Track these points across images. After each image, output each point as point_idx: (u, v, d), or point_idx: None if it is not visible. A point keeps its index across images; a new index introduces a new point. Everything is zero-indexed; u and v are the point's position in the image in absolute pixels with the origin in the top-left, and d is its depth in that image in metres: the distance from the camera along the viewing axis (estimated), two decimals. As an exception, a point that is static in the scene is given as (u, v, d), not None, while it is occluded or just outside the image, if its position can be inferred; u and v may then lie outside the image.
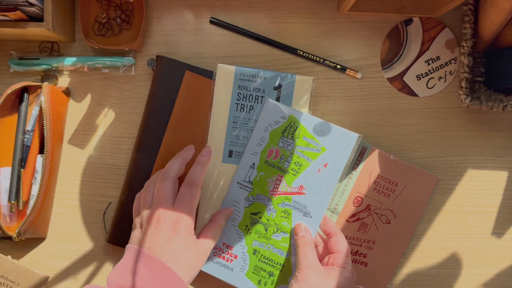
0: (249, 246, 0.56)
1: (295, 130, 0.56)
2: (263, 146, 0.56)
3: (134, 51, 0.61)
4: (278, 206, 0.56)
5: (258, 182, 0.56)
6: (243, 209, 0.56)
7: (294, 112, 0.56)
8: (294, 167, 0.56)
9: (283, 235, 0.56)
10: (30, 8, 0.52)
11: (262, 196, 0.56)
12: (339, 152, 0.56)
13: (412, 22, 0.62)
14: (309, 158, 0.56)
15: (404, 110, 0.62)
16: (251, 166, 0.56)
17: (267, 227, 0.56)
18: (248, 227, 0.56)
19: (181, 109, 0.57)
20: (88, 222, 0.61)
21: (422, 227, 0.62)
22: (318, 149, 0.56)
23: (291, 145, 0.56)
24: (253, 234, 0.56)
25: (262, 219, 0.56)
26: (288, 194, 0.56)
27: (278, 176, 0.56)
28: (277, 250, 0.56)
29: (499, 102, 0.58)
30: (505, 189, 0.62)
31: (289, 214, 0.56)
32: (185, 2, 0.61)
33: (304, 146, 0.56)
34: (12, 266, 0.57)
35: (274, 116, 0.56)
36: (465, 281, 0.62)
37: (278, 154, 0.56)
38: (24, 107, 0.57)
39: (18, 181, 0.56)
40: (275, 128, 0.56)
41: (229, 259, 0.56)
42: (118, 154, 0.61)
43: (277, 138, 0.56)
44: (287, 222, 0.56)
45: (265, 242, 0.56)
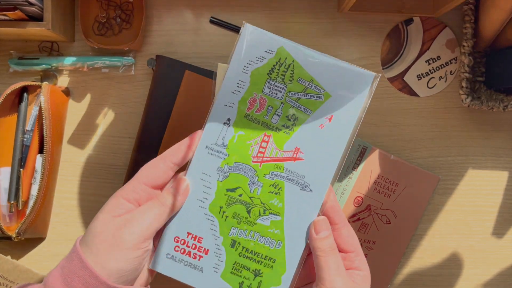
0: (225, 236, 0.41)
1: (287, 69, 0.41)
2: (241, 94, 0.41)
3: (134, 50, 0.61)
4: (265, 177, 0.41)
5: (236, 145, 0.41)
6: (215, 183, 0.41)
7: (285, 43, 0.41)
8: (286, 123, 0.41)
9: (272, 218, 0.41)
10: (29, 7, 0.52)
11: (242, 164, 0.41)
12: (349, 99, 0.41)
13: (412, 21, 0.61)
14: (307, 109, 0.41)
15: (404, 110, 0.62)
16: (226, 123, 0.41)
17: (250, 207, 0.41)
18: (224, 209, 0.41)
19: (181, 109, 0.57)
20: (87, 222, 0.61)
21: (423, 227, 0.62)
22: (320, 95, 0.41)
23: (282, 91, 0.41)
24: (230, 219, 0.41)
25: (242, 197, 0.41)
26: (278, 160, 0.41)
27: (265, 135, 0.41)
28: (264, 239, 0.41)
29: (500, 102, 0.58)
30: (505, 189, 0.62)
31: (281, 188, 0.41)
32: (185, 2, 0.61)
33: (300, 92, 0.41)
34: (12, 266, 0.57)
35: (256, 48, 0.41)
36: (466, 281, 0.62)
37: (263, 105, 0.41)
38: (24, 107, 0.57)
39: (18, 181, 0.56)
40: (258, 67, 0.41)
41: (196, 255, 0.41)
42: (117, 154, 0.61)
43: (262, 82, 0.41)
44: (278, 200, 0.41)
45: (248, 229, 0.41)
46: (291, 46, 0.41)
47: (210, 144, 0.41)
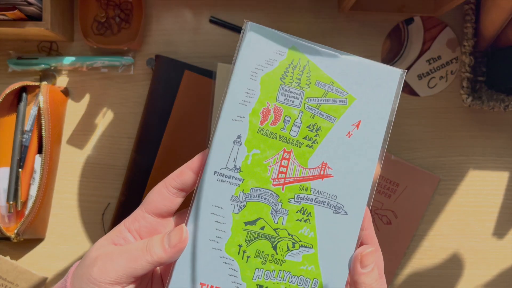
0: (248, 282, 0.33)
1: (302, 72, 0.35)
2: (252, 105, 0.34)
3: (133, 50, 0.60)
4: (289, 203, 0.34)
5: (251, 167, 0.34)
6: (230, 217, 0.34)
7: (296, 42, 0.35)
8: (308, 134, 0.35)
9: (304, 252, 0.34)
10: (28, 7, 0.52)
11: (260, 190, 0.34)
12: (376, 101, 0.35)
13: (413, 21, 0.61)
14: (330, 117, 0.35)
15: (405, 110, 0.62)
16: (236, 141, 0.34)
17: (276, 242, 0.34)
18: (244, 247, 0.34)
19: (180, 108, 0.57)
20: (87, 222, 0.61)
21: (423, 227, 0.62)
22: (343, 100, 0.35)
23: (299, 98, 0.35)
24: (253, 260, 0.34)
25: (265, 229, 0.34)
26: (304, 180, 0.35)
27: (284, 152, 0.35)
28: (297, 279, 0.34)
29: (501, 101, 0.58)
30: (506, 190, 0.62)
31: (310, 214, 0.34)
32: (184, 1, 0.61)
33: (320, 97, 0.35)
34: (11, 267, 0.57)
35: (264, 50, 0.35)
36: (466, 281, 0.62)
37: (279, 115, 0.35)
38: (23, 107, 0.57)
39: (17, 182, 0.56)
40: (268, 71, 0.35)
41: None
42: (117, 154, 0.61)
43: (275, 89, 0.35)
44: (309, 229, 0.34)
45: (276, 269, 0.34)
46: (304, 45, 0.35)
47: (219, 169, 0.34)
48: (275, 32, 0.35)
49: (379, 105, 0.35)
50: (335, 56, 0.35)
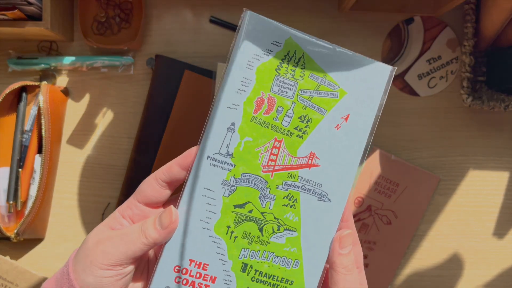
0: (234, 260, 0.35)
1: (297, 63, 0.36)
2: (247, 94, 0.36)
3: (133, 50, 0.60)
4: (277, 189, 0.36)
5: (243, 153, 0.36)
6: (220, 200, 0.35)
7: (293, 34, 0.36)
8: (299, 125, 0.36)
9: (288, 235, 0.36)
10: (28, 7, 0.52)
11: (250, 175, 0.36)
12: (365, 95, 0.37)
13: (413, 21, 0.61)
14: (321, 109, 0.36)
15: (405, 110, 0.62)
16: (230, 128, 0.36)
17: (263, 224, 0.36)
18: (232, 228, 0.36)
19: (180, 108, 0.57)
20: (86, 222, 0.60)
21: (423, 227, 0.62)
22: (335, 93, 0.36)
23: (293, 89, 0.36)
24: (240, 240, 0.36)
25: (253, 213, 0.36)
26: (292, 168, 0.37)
27: (275, 140, 0.36)
28: (280, 259, 0.36)
29: (501, 101, 0.58)
30: (506, 190, 0.62)
31: (296, 200, 0.36)
32: (184, 1, 0.61)
33: (312, 89, 0.36)
34: (11, 267, 0.57)
35: (262, 40, 0.36)
36: (466, 281, 0.62)
37: (272, 105, 0.36)
38: (23, 107, 0.57)
39: (17, 181, 0.56)
40: (265, 61, 0.36)
41: (202, 284, 0.35)
42: (117, 154, 0.61)
43: (270, 79, 0.36)
44: (294, 214, 0.36)
45: (261, 249, 0.36)
46: (300, 37, 0.36)
47: (212, 154, 0.35)
48: (273, 23, 0.36)
49: (368, 100, 0.37)
50: (330, 49, 0.36)
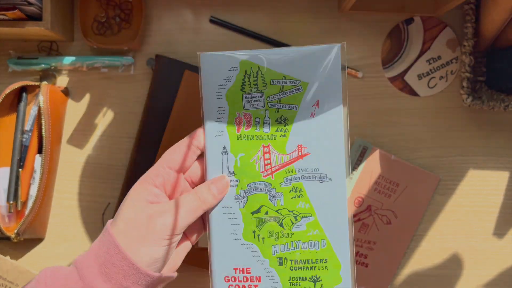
0: (269, 257, 0.40)
1: (257, 77, 0.40)
2: (226, 119, 0.40)
3: (133, 50, 0.60)
4: (281, 186, 0.40)
5: (242, 168, 0.40)
6: (239, 212, 0.41)
7: (244, 55, 0.40)
8: (278, 126, 0.41)
9: (306, 221, 0.40)
10: (28, 7, 0.52)
11: (255, 184, 0.41)
12: (325, 78, 0.40)
13: (413, 21, 0.61)
14: (292, 105, 0.40)
15: (405, 110, 0.62)
16: (223, 152, 0.41)
17: (281, 220, 0.40)
18: (257, 232, 0.40)
19: (180, 108, 0.57)
20: (87, 222, 0.61)
21: (423, 227, 0.62)
22: (298, 87, 0.40)
23: (261, 99, 0.40)
24: (267, 239, 0.40)
25: (269, 213, 0.40)
26: (287, 164, 0.41)
27: (263, 147, 0.41)
28: (307, 244, 0.40)
29: (501, 101, 0.58)
30: (506, 189, 0.62)
31: (301, 190, 0.40)
32: (184, 1, 0.61)
33: (278, 93, 0.40)
34: (11, 266, 0.57)
35: (221, 71, 0.40)
36: (466, 281, 0.62)
37: (250, 120, 0.40)
38: (23, 107, 0.57)
39: (17, 181, 0.56)
40: (229, 87, 0.40)
41: (251, 286, 0.40)
42: (117, 154, 0.61)
43: (239, 99, 0.40)
44: (304, 202, 0.40)
45: (288, 241, 0.40)
46: (251, 55, 0.40)
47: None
48: (224, 54, 0.40)
49: (329, 81, 0.40)
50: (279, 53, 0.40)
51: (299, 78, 0.40)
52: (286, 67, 0.40)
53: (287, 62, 0.40)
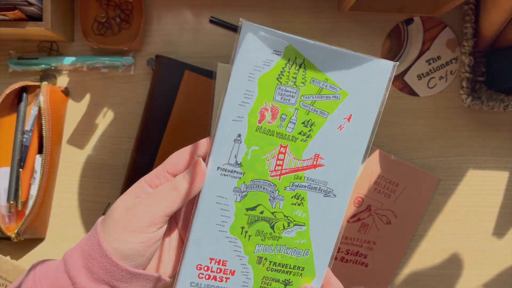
0: (250, 255, 0.39)
1: (298, 70, 0.37)
2: (250, 105, 0.37)
3: (134, 50, 0.60)
4: (285, 190, 0.38)
5: (251, 161, 0.38)
6: (233, 205, 0.38)
7: (293, 40, 0.36)
8: (303, 129, 0.38)
9: (298, 229, 0.39)
10: (29, 7, 0.52)
11: (259, 181, 0.38)
12: (367, 94, 0.37)
13: (412, 21, 0.61)
14: (324, 112, 0.37)
15: (404, 110, 0.62)
16: (236, 140, 0.37)
17: (274, 222, 0.39)
18: (246, 229, 0.39)
19: (180, 109, 0.57)
20: (87, 222, 0.61)
21: (423, 227, 0.62)
22: (337, 95, 0.37)
23: (295, 96, 0.37)
24: (254, 237, 0.39)
25: (264, 213, 0.39)
26: (298, 170, 0.38)
27: (281, 147, 0.38)
28: (291, 250, 0.39)
29: (500, 102, 0.58)
30: (506, 189, 0.62)
31: (303, 198, 0.39)
32: (184, 2, 0.61)
33: (315, 94, 0.37)
34: (11, 266, 0.57)
35: (261, 51, 0.36)
36: (466, 281, 0.62)
37: (276, 114, 0.37)
38: (23, 107, 0.57)
39: (17, 181, 0.56)
40: (266, 72, 0.36)
41: (223, 278, 0.39)
42: (117, 154, 0.61)
43: (272, 89, 0.37)
44: (302, 211, 0.39)
45: (274, 243, 0.39)
46: (300, 42, 0.36)
47: (221, 164, 0.37)
48: (271, 31, 0.36)
49: (370, 98, 0.37)
50: (330, 51, 0.36)
51: (341, 85, 0.37)
52: (331, 68, 0.37)
53: (333, 63, 0.37)
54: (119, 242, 0.34)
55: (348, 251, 0.60)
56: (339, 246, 0.60)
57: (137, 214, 0.35)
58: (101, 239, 0.35)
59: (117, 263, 0.34)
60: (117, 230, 0.35)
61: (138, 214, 0.35)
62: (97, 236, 0.35)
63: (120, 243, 0.34)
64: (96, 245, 0.35)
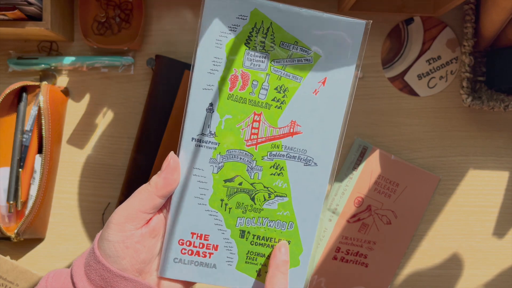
0: (232, 228, 0.38)
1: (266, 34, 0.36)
2: (219, 73, 0.36)
3: (133, 50, 0.60)
4: (263, 160, 0.37)
5: (225, 131, 0.37)
6: (210, 177, 0.37)
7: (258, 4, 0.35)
8: (276, 96, 0.37)
9: (279, 201, 0.38)
10: (29, 7, 0.52)
11: (235, 151, 0.37)
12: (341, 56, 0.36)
13: (413, 21, 0.61)
14: (296, 76, 0.36)
15: (405, 110, 0.62)
16: (208, 109, 0.36)
17: (254, 194, 0.38)
18: (225, 201, 0.38)
19: (180, 108, 0.57)
20: (87, 222, 0.61)
21: (423, 227, 0.62)
22: (308, 58, 0.36)
23: (265, 61, 0.36)
24: (234, 210, 0.38)
25: (243, 185, 0.37)
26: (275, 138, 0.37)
27: (254, 114, 0.37)
28: (274, 223, 0.38)
29: (501, 101, 0.58)
30: (506, 189, 0.62)
31: (283, 168, 0.38)
32: (184, 1, 0.61)
33: (285, 58, 0.36)
34: (11, 266, 0.57)
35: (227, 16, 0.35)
36: (466, 281, 0.62)
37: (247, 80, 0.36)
38: (23, 107, 0.57)
39: (17, 181, 0.56)
40: (233, 37, 0.36)
41: (206, 253, 0.38)
42: (117, 154, 0.61)
43: (240, 54, 0.36)
44: (282, 181, 0.38)
45: (255, 216, 0.38)
46: (266, 5, 0.35)
47: (195, 135, 0.37)
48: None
49: (344, 60, 0.36)
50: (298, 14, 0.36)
51: (311, 47, 0.36)
52: (301, 31, 0.36)
53: (303, 26, 0.36)
54: (102, 240, 0.35)
55: (348, 251, 0.60)
56: (339, 246, 0.60)
57: (117, 211, 0.36)
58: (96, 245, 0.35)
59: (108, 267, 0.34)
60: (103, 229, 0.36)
61: (117, 210, 0.36)
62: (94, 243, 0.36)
63: (103, 242, 0.35)
64: (92, 251, 0.35)
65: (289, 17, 0.36)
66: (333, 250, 0.60)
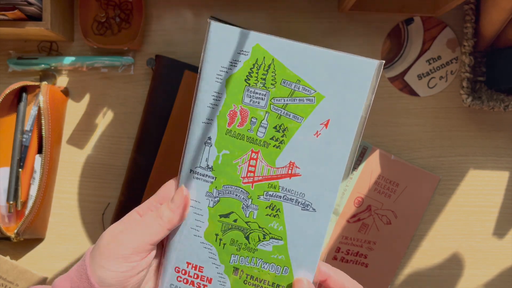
0: (226, 264, 0.37)
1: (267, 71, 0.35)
2: (219, 108, 0.36)
3: (133, 50, 0.60)
4: (259, 199, 0.36)
5: (222, 166, 0.36)
6: (206, 210, 0.37)
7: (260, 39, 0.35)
8: (275, 135, 0.36)
9: (274, 243, 0.37)
10: (28, 7, 0.52)
11: (231, 187, 0.37)
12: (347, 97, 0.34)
13: (413, 21, 0.61)
14: (297, 116, 0.35)
15: (405, 110, 0.62)
16: (207, 143, 0.36)
17: (248, 233, 0.37)
18: (220, 236, 0.37)
19: (180, 108, 0.57)
20: (87, 222, 0.61)
21: (423, 227, 0.62)
22: (311, 98, 0.35)
23: (265, 99, 0.35)
24: (229, 246, 0.37)
25: (238, 222, 0.37)
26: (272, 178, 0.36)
27: (252, 152, 0.36)
28: (269, 265, 0.37)
29: (501, 101, 0.58)
30: (506, 189, 0.62)
31: (279, 210, 0.36)
32: (184, 1, 0.61)
33: (286, 97, 0.35)
34: (11, 266, 0.57)
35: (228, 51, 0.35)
36: (466, 281, 0.62)
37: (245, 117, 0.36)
38: (23, 107, 0.57)
39: (17, 181, 0.56)
40: (233, 73, 0.35)
41: (200, 284, 0.37)
42: (117, 154, 0.61)
43: (240, 90, 0.35)
44: (278, 223, 0.37)
45: (250, 255, 0.37)
46: (268, 41, 0.34)
47: (194, 167, 0.36)
48: (237, 30, 0.35)
49: (351, 101, 0.34)
50: (303, 51, 0.34)
51: (315, 87, 0.34)
52: (305, 69, 0.34)
53: (307, 64, 0.34)
54: (102, 270, 0.33)
55: (348, 251, 0.60)
56: (339, 246, 0.60)
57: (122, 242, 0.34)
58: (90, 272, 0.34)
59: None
60: (102, 257, 0.34)
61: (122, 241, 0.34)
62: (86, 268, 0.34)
63: (103, 271, 0.33)
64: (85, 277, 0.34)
65: (293, 54, 0.34)
66: (333, 250, 0.60)
